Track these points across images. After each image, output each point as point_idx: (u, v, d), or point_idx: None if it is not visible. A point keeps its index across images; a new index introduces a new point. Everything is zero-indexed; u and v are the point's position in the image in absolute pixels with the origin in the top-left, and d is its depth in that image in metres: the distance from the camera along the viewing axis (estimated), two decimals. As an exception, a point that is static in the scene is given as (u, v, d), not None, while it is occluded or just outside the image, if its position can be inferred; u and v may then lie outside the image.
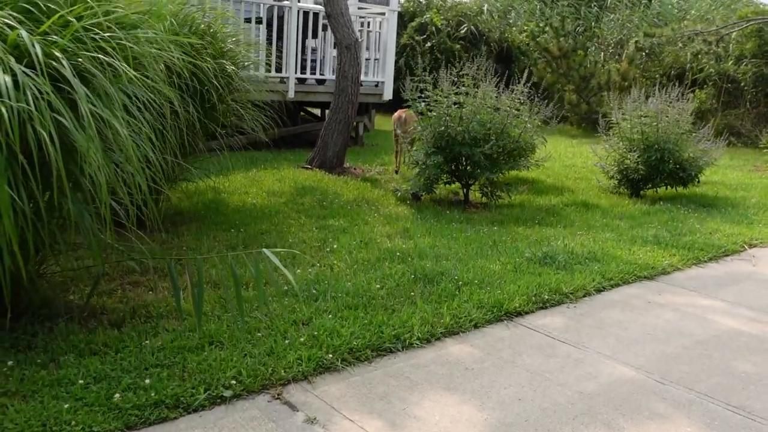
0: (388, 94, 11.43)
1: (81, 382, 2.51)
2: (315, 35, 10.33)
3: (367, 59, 11.40)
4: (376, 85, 11.53)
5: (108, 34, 2.68)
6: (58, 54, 2.43)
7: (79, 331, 2.94)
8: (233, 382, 2.61)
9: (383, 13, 11.42)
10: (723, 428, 2.57)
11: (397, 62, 17.41)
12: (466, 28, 17.83)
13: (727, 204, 7.31)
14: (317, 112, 11.83)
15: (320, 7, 9.36)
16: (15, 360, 2.65)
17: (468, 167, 6.84)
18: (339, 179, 7.45)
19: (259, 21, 9.55)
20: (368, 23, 11.39)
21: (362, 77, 11.11)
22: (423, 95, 6.91)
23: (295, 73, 9.73)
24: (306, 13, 9.92)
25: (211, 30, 5.14)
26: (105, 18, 2.75)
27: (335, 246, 4.58)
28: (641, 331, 3.50)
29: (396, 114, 8.09)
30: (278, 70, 9.68)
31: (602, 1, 20.64)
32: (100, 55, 2.60)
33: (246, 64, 5.58)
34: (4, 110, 2.15)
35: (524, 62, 18.03)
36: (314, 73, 10.31)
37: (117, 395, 2.44)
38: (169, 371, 2.64)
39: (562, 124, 17.07)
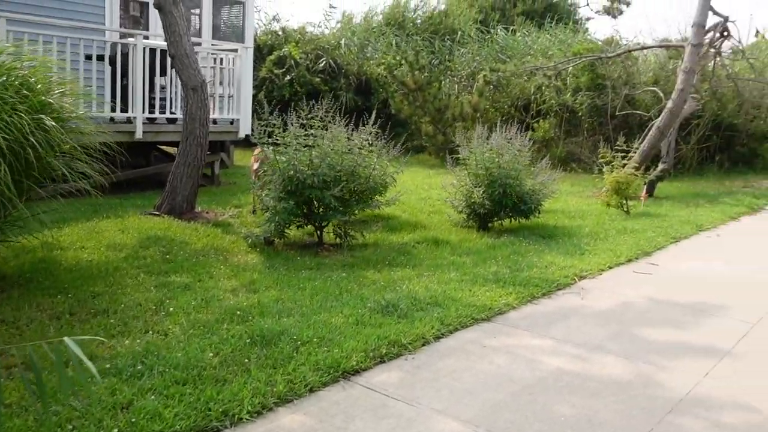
0: (244, 131, 11.26)
1: None
2: (164, 73, 10.00)
3: (221, 96, 11.21)
4: (232, 122, 11.33)
5: None
6: None
7: None
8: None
9: (236, 50, 11.28)
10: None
11: (256, 96, 17.32)
12: (324, 62, 18.02)
13: (564, 234, 7.81)
14: (174, 150, 11.43)
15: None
16: None
17: (320, 210, 6.85)
18: (188, 226, 7.18)
19: (99, 58, 9.09)
20: (221, 60, 11.20)
21: (217, 114, 10.92)
22: (272, 138, 6.86)
23: (143, 112, 9.34)
24: (153, 50, 9.58)
25: (32, 80, 4.81)
26: None
27: (172, 308, 4.38)
28: (474, 380, 3.61)
29: (255, 151, 7.97)
30: (124, 110, 9.27)
31: (454, 35, 21.71)
32: None
33: (73, 115, 5.23)
34: None
35: (383, 94, 18.49)
36: (164, 112, 9.97)
37: None
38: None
39: (420, 154, 17.65)
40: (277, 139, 6.82)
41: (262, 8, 23.72)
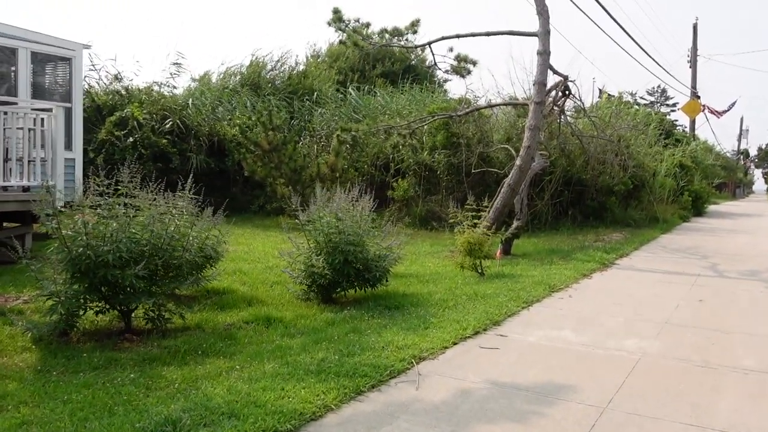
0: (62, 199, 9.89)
1: None
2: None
3: (33, 160, 9.87)
4: (47, 190, 9.92)
5: None
6: None
7: None
8: None
9: (50, 110, 10.03)
10: None
11: (94, 159, 15.82)
12: (171, 123, 16.87)
13: (413, 303, 7.14)
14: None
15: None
16: None
17: (120, 293, 5.74)
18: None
19: None
20: (42, 120, 9.95)
21: (30, 182, 9.57)
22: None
23: None
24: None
25: None
26: None
27: None
28: None
29: None
30: None
31: (314, 96, 21.30)
32: None
33: None
34: None
35: (238, 156, 17.54)
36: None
37: None
38: None
39: (281, 216, 16.75)
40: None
41: (103, 66, 22.20)
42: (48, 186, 10.09)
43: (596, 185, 16.34)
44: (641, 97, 54.95)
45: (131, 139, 16.21)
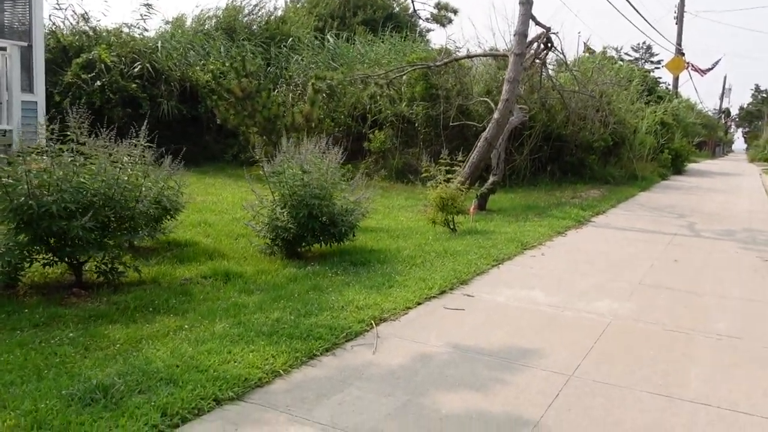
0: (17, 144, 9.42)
1: None
2: None
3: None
4: (4, 134, 9.48)
5: None
6: None
7: None
8: None
9: (4, 49, 9.44)
10: None
11: (60, 102, 15.20)
12: (140, 66, 16.20)
13: (380, 260, 6.89)
14: None
15: None
16: None
17: (67, 245, 5.40)
18: None
19: None
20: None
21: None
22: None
23: None
24: None
25: None
26: None
27: None
28: None
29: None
30: None
31: (289, 41, 20.57)
32: None
33: None
34: None
35: (210, 103, 16.96)
36: None
37: None
38: None
39: (255, 166, 16.32)
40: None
41: (68, 5, 21.24)
42: (5, 131, 9.67)
43: (576, 141, 16.09)
44: (626, 53, 54.39)
45: (99, 83, 15.56)
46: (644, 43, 66.05)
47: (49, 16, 17.28)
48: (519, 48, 10.68)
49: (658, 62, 60.68)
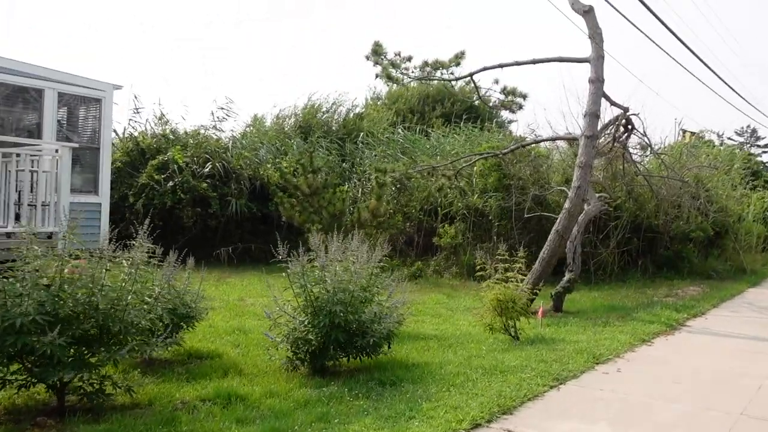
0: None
1: None
2: None
3: (33, 205, 9.33)
4: (50, 236, 9.32)
5: None
6: None
7: None
8: None
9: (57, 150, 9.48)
10: None
11: (134, 204, 15.46)
12: (211, 166, 16.34)
13: (414, 378, 5.82)
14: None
15: None
16: None
17: (37, 365, 4.75)
18: None
19: None
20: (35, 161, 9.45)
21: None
22: None
23: None
24: None
25: None
26: None
27: None
28: None
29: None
30: None
31: (367, 138, 20.44)
32: None
33: None
34: None
35: (277, 200, 16.80)
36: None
37: None
38: None
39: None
40: None
41: (151, 110, 22.23)
42: (51, 233, 9.53)
43: (670, 232, 14.49)
44: (729, 138, 51.31)
45: (171, 183, 15.75)
46: (749, 126, 62.51)
47: (129, 120, 18.01)
48: (590, 130, 9.66)
49: (766, 146, 56.97)
